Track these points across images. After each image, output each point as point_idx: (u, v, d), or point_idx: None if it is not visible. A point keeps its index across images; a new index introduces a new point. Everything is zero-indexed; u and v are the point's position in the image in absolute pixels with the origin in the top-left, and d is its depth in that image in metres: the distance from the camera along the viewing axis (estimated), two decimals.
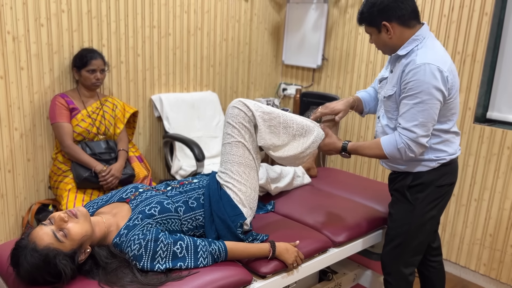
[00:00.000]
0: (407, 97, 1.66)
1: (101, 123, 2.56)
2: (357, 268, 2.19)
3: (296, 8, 3.62)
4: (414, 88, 1.63)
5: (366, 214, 2.03)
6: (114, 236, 1.48)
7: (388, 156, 1.74)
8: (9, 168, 2.51)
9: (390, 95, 1.75)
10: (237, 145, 1.75)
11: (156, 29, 2.99)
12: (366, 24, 1.74)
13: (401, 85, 1.69)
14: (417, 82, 1.62)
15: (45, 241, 1.31)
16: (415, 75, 1.62)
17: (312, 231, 1.85)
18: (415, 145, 1.67)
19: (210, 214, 1.69)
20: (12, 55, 2.40)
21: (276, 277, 1.60)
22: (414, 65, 1.63)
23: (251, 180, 1.76)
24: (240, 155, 1.75)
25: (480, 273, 2.77)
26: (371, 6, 1.68)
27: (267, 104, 3.71)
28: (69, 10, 2.57)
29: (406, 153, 1.69)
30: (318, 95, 3.53)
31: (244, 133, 1.75)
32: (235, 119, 1.75)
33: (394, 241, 1.88)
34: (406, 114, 1.67)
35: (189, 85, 3.29)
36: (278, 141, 1.79)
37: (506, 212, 2.61)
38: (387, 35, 1.71)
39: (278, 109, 1.84)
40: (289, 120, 1.82)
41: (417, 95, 1.62)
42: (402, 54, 1.71)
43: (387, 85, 1.81)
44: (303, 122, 1.86)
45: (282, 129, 1.80)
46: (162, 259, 1.43)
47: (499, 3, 2.51)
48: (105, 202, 1.66)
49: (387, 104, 1.80)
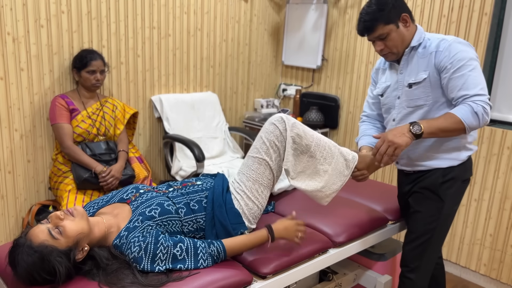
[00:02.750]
0: (460, 69, 1.68)
1: (101, 124, 2.56)
2: (357, 269, 2.19)
3: (295, 9, 3.62)
4: (462, 59, 1.68)
5: (366, 214, 2.03)
6: (114, 237, 1.48)
7: (466, 125, 1.66)
8: (9, 169, 2.51)
9: (424, 78, 1.75)
10: (260, 162, 1.74)
11: (156, 30, 2.99)
12: (384, 23, 1.73)
13: (440, 65, 1.72)
14: (462, 53, 1.68)
15: (40, 238, 1.31)
16: (457, 48, 1.69)
17: (312, 231, 1.85)
18: (488, 107, 1.67)
19: (212, 217, 1.68)
20: (12, 56, 2.40)
21: (277, 277, 1.60)
22: (447, 42, 1.71)
23: (261, 199, 1.77)
24: (260, 173, 1.74)
25: (481, 273, 2.76)
26: (387, 2, 1.72)
27: (267, 104, 3.72)
28: (69, 11, 2.57)
29: (483, 116, 1.66)
30: (318, 96, 3.54)
31: (273, 152, 1.74)
32: (268, 135, 1.75)
33: (421, 238, 1.88)
34: (467, 83, 1.67)
35: (189, 85, 3.30)
36: (297, 167, 1.76)
37: (506, 212, 2.61)
38: (405, 27, 1.76)
39: (318, 135, 1.80)
40: (318, 150, 1.77)
41: (468, 63, 1.68)
42: (416, 45, 1.78)
43: (407, 76, 1.81)
44: (335, 153, 1.80)
45: (307, 157, 1.77)
46: (162, 261, 1.42)
47: (499, 3, 2.51)
48: (106, 203, 1.65)
49: (415, 93, 1.79)
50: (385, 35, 1.75)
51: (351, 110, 3.37)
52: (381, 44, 1.78)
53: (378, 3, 1.73)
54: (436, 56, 1.72)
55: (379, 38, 1.76)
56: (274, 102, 3.82)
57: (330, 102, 3.45)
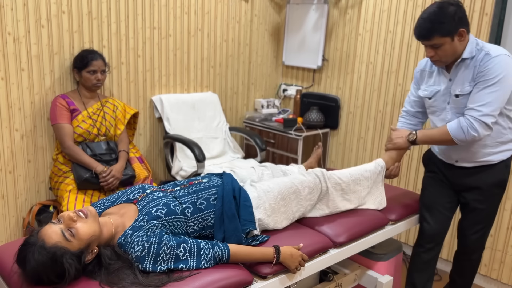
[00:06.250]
0: (481, 82, 1.81)
1: (101, 124, 2.56)
2: (358, 269, 2.19)
3: (296, 9, 3.62)
4: (490, 74, 1.78)
5: (367, 214, 2.03)
6: (119, 236, 1.48)
7: (453, 137, 1.87)
8: (9, 169, 2.52)
9: (470, 91, 1.86)
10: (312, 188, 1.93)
11: (156, 30, 2.99)
12: (441, 35, 1.79)
13: (475, 77, 1.84)
14: (491, 69, 1.78)
15: (54, 239, 1.31)
16: (490, 65, 1.79)
17: (313, 231, 1.85)
18: (477, 123, 1.81)
19: (221, 214, 1.68)
20: (12, 56, 2.40)
21: (277, 277, 1.60)
22: (489, 57, 1.80)
23: (275, 216, 1.80)
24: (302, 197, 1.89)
25: (481, 274, 2.76)
26: (450, 15, 1.77)
27: (268, 105, 3.72)
28: (69, 11, 2.57)
29: (468, 131, 1.82)
30: (319, 96, 3.54)
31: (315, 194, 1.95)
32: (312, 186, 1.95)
33: (486, 228, 2.09)
34: (473, 98, 1.83)
35: (190, 86, 3.30)
36: (347, 204, 2.04)
37: (506, 212, 2.61)
38: (459, 41, 1.83)
39: (349, 171, 2.06)
40: (355, 184, 2.05)
41: (491, 81, 1.79)
42: (467, 57, 1.86)
43: (455, 85, 1.92)
44: (367, 177, 2.10)
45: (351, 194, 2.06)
46: (164, 262, 1.43)
47: (499, 4, 2.51)
48: (112, 203, 1.65)
49: (462, 102, 1.90)
50: (439, 45, 1.82)
51: (352, 110, 3.37)
52: (432, 52, 1.86)
53: (441, 14, 1.78)
54: (476, 70, 1.84)
55: (432, 46, 1.84)
56: (275, 102, 3.82)
57: (331, 102, 3.45)
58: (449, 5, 1.77)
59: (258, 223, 1.74)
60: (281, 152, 3.47)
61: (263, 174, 2.09)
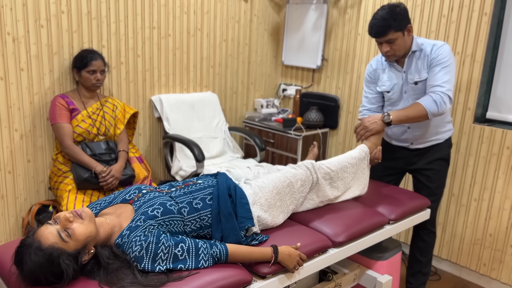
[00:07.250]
0: (436, 66, 2.12)
1: (101, 124, 2.56)
2: (357, 268, 2.18)
3: (295, 9, 3.62)
4: (441, 59, 2.12)
5: (366, 214, 2.03)
6: (116, 237, 1.48)
7: (429, 111, 2.10)
8: (9, 169, 2.52)
9: (427, 76, 2.17)
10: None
11: (156, 30, 2.99)
12: (395, 30, 2.08)
13: (430, 63, 2.15)
14: (443, 54, 2.12)
15: (50, 240, 1.31)
16: (440, 51, 2.13)
17: (312, 231, 1.85)
18: (446, 97, 2.09)
19: (218, 213, 1.68)
20: (12, 56, 2.40)
21: (276, 277, 1.60)
22: (436, 47, 2.15)
23: (272, 210, 1.80)
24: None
25: (481, 273, 2.77)
26: (399, 13, 2.07)
27: (267, 104, 3.72)
28: (69, 11, 2.57)
29: (441, 104, 2.08)
30: (318, 96, 3.54)
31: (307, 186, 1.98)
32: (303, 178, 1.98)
33: (439, 199, 2.42)
34: (436, 77, 2.12)
35: (189, 85, 3.30)
36: (334, 192, 2.09)
37: (506, 212, 2.61)
38: (408, 36, 2.14)
39: (338, 159, 2.11)
40: (343, 171, 2.10)
41: (445, 63, 2.11)
42: (416, 49, 2.19)
43: (411, 75, 2.22)
44: (354, 163, 2.16)
45: (339, 181, 2.12)
46: (163, 261, 1.43)
47: (499, 3, 2.51)
48: (108, 204, 1.65)
49: (419, 88, 2.21)
50: (393, 40, 2.11)
51: (351, 110, 3.37)
52: (388, 47, 2.14)
53: (392, 12, 2.07)
54: (429, 58, 2.16)
55: (388, 41, 2.12)
56: (274, 102, 3.82)
57: (330, 102, 3.45)
58: (396, 7, 2.08)
59: (256, 220, 1.74)
60: (281, 152, 3.48)
61: (259, 173, 2.09)
